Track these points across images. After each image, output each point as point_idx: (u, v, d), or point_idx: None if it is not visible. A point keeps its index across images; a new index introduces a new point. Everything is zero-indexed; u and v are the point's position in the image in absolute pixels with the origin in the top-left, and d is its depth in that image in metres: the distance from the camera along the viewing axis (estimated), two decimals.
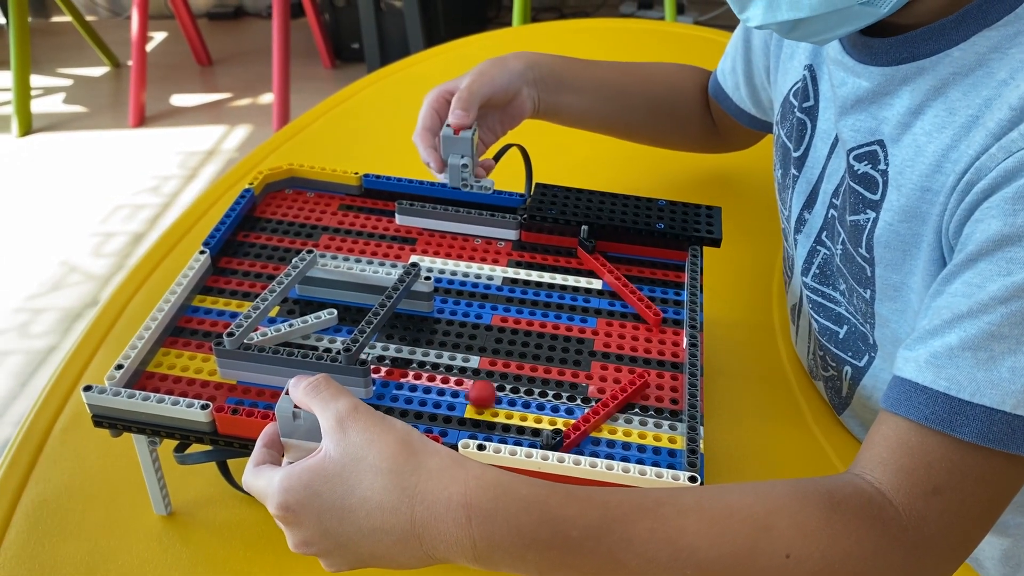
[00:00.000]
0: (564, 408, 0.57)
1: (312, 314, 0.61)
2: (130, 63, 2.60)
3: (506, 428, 0.55)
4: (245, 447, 0.54)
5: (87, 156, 2.48)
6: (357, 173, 0.75)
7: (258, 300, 0.59)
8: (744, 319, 0.80)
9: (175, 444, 0.57)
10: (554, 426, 0.55)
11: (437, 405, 0.57)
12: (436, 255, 0.70)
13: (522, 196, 0.73)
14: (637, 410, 0.57)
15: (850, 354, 0.66)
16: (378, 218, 0.73)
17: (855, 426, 0.69)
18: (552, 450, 0.52)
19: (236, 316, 0.62)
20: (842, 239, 0.62)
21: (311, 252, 0.63)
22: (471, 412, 0.56)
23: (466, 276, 0.68)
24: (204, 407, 0.53)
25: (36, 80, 2.78)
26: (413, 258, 0.69)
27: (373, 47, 2.69)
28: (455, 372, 0.59)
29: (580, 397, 0.58)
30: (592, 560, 0.44)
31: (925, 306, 0.51)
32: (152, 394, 0.54)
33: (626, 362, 0.61)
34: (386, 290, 0.61)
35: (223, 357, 0.56)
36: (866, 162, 0.58)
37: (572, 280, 0.68)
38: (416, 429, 0.47)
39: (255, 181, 0.73)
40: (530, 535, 0.44)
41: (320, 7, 2.82)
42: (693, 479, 0.50)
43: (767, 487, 0.48)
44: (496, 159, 0.76)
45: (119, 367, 0.55)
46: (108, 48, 2.96)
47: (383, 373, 0.59)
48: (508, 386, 0.58)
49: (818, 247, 0.68)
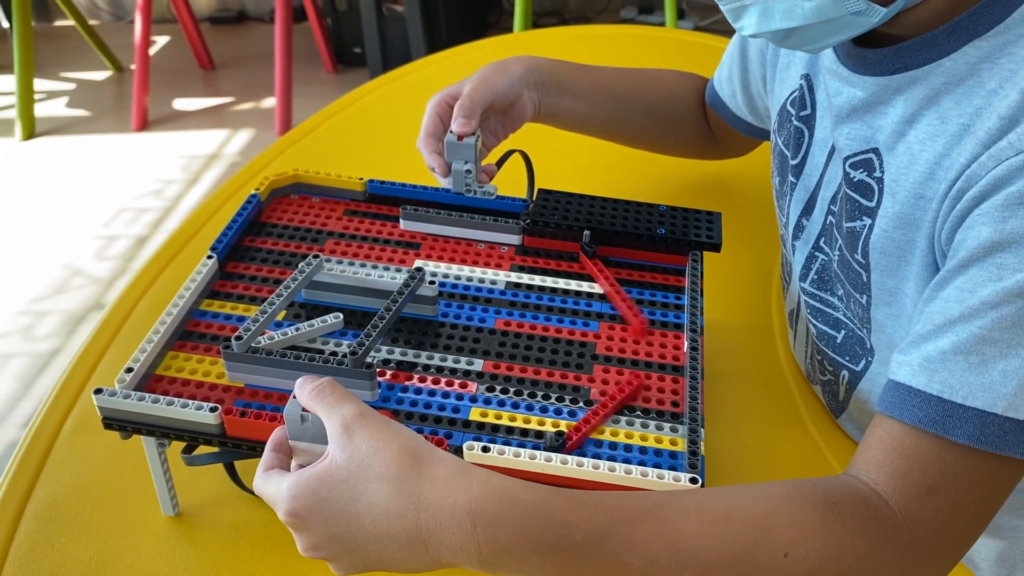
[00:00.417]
0: (567, 411, 0.58)
1: (318, 318, 0.62)
2: (133, 67, 2.62)
3: (510, 430, 0.56)
4: (253, 449, 0.55)
5: (90, 160, 2.49)
6: (362, 179, 0.76)
7: (265, 304, 0.60)
8: (744, 323, 0.81)
9: (183, 446, 0.58)
10: (557, 428, 0.56)
11: (442, 407, 0.57)
12: (440, 260, 0.71)
13: (524, 201, 0.74)
14: (639, 412, 0.58)
15: (847, 358, 0.67)
16: (383, 223, 0.74)
17: (852, 429, 0.70)
18: (555, 452, 0.53)
19: (244, 320, 0.63)
20: (839, 245, 0.63)
21: (317, 257, 0.64)
22: (476, 415, 0.57)
23: (470, 280, 0.68)
24: (213, 410, 0.54)
25: (39, 84, 2.79)
26: (417, 263, 0.70)
27: (375, 51, 2.70)
28: (459, 375, 0.60)
29: (583, 400, 0.58)
30: (596, 563, 0.45)
31: (919, 311, 0.52)
32: (162, 397, 0.54)
33: (628, 365, 0.61)
34: (391, 294, 0.62)
35: (231, 360, 0.57)
36: (862, 170, 0.59)
37: (575, 284, 0.69)
38: (422, 436, 0.48)
39: (261, 186, 0.74)
40: (535, 540, 0.44)
41: (322, 11, 2.83)
42: (694, 480, 0.51)
43: (765, 488, 0.49)
44: (498, 165, 0.77)
45: (129, 370, 0.56)
46: (111, 52, 2.97)
47: (388, 376, 0.60)
48: (512, 389, 0.59)
49: (816, 253, 0.69)
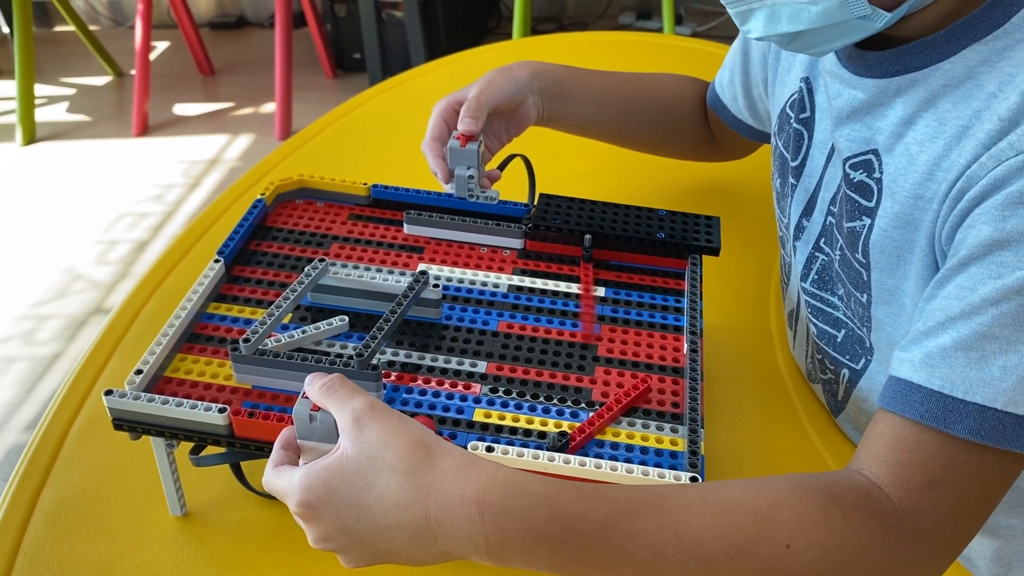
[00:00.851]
0: (569, 411, 0.58)
1: (324, 321, 0.62)
2: (133, 72, 2.63)
3: (513, 431, 0.57)
4: (260, 449, 0.55)
5: (91, 165, 2.50)
6: (366, 184, 0.77)
7: (272, 307, 0.60)
8: (742, 326, 0.82)
9: (191, 447, 0.58)
10: (560, 429, 0.57)
11: (446, 408, 0.58)
12: (443, 263, 0.71)
13: (526, 206, 0.75)
14: (640, 413, 0.58)
15: (848, 357, 0.67)
16: (387, 227, 0.75)
17: (850, 430, 0.70)
18: (558, 452, 0.54)
19: (251, 323, 0.64)
20: (840, 245, 0.64)
21: (323, 261, 0.65)
22: (479, 415, 0.58)
23: (473, 284, 0.69)
24: (221, 411, 0.54)
25: (40, 89, 2.80)
26: (421, 266, 0.71)
27: (375, 57, 2.71)
28: (463, 377, 0.61)
29: (585, 401, 0.59)
30: (601, 553, 0.46)
31: (919, 309, 0.53)
32: (171, 398, 0.55)
33: (629, 367, 0.62)
34: (396, 297, 0.62)
35: (239, 362, 0.58)
36: (861, 171, 0.60)
37: (576, 287, 0.69)
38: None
39: (266, 191, 0.75)
40: (541, 530, 0.45)
41: (322, 17, 2.84)
42: (694, 479, 0.52)
43: (768, 481, 0.49)
44: (500, 169, 0.78)
45: (139, 372, 0.56)
46: (111, 57, 2.98)
47: (393, 378, 0.60)
48: (514, 390, 0.60)
49: (817, 253, 0.70)
